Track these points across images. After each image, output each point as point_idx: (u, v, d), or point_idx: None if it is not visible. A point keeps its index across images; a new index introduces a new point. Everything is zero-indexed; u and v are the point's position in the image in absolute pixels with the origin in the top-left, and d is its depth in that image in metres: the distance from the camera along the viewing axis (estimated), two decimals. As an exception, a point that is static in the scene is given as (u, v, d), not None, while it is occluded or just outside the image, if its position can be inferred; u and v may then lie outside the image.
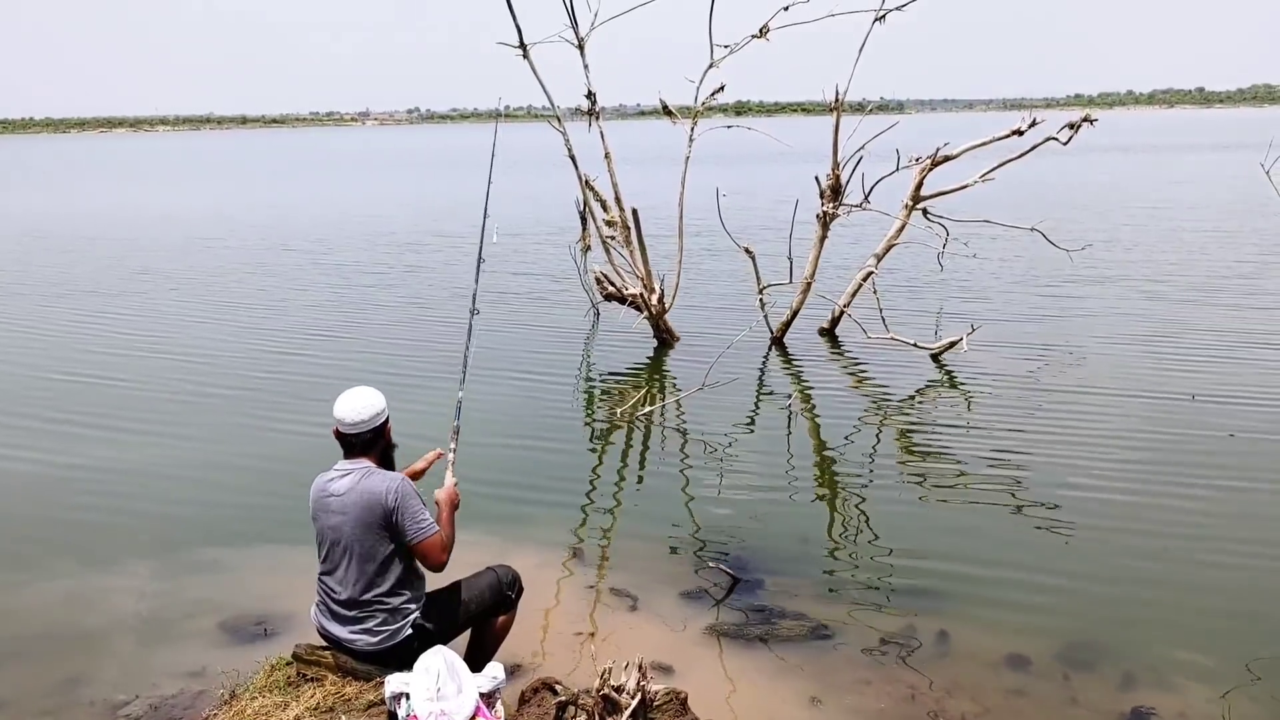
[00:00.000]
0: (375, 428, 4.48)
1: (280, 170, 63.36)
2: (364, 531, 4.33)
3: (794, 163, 41.89)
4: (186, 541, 6.91)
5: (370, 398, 4.48)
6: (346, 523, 4.35)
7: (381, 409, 4.49)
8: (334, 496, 4.39)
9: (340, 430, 4.47)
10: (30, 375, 11.47)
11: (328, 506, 4.40)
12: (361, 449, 4.47)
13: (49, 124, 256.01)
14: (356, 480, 4.38)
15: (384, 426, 4.54)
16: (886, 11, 11.49)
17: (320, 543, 4.48)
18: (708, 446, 8.76)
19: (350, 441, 4.47)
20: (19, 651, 5.50)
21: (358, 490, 4.36)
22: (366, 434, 4.46)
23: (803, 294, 12.29)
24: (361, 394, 4.50)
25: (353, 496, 4.35)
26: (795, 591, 5.97)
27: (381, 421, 4.51)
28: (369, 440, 4.47)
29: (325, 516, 4.41)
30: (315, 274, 18.64)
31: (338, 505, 4.37)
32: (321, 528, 4.44)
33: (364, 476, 4.40)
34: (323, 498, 4.43)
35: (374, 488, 4.35)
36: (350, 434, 4.45)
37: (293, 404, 10.06)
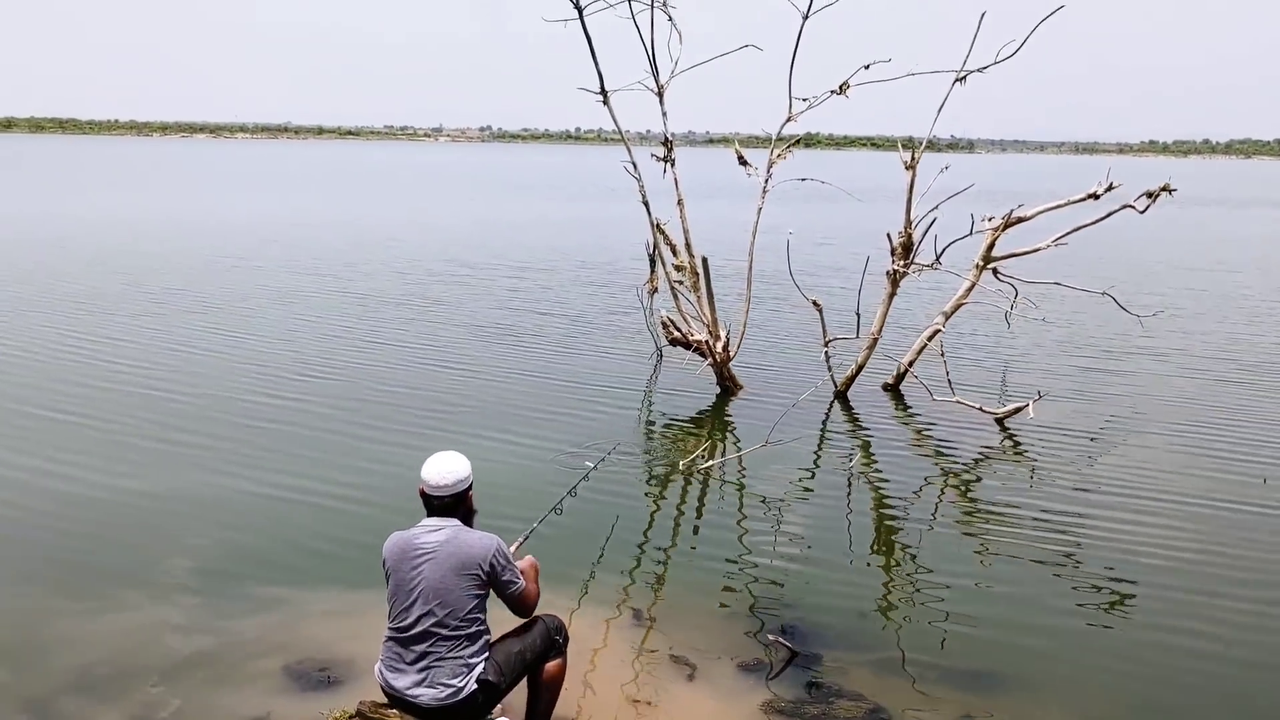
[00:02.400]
0: (459, 493, 4.67)
1: (361, 182, 64.29)
2: (455, 583, 4.49)
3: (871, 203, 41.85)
4: (249, 577, 7.00)
5: (457, 464, 4.68)
6: (437, 574, 4.50)
7: (466, 475, 4.68)
8: (424, 549, 4.54)
9: (426, 491, 4.65)
10: (98, 392, 11.74)
11: (414, 558, 4.54)
12: (444, 511, 4.66)
13: (133, 126, 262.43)
14: (451, 535, 4.57)
15: (467, 492, 4.72)
16: (968, 73, 11.48)
17: (397, 596, 4.58)
18: (766, 504, 8.77)
19: (434, 504, 4.64)
20: (88, 684, 5.62)
21: (454, 544, 4.54)
22: (449, 498, 4.65)
23: (869, 349, 12.26)
24: (449, 459, 4.69)
25: (449, 549, 4.52)
26: (852, 668, 5.95)
27: (466, 487, 4.70)
28: (451, 504, 4.66)
29: (410, 568, 4.54)
30: (405, 306, 18.84)
31: (429, 557, 4.52)
32: (402, 579, 4.56)
33: (459, 532, 4.60)
34: (409, 550, 4.57)
35: (473, 543, 4.57)
36: (435, 496, 4.63)
37: (365, 443, 10.15)
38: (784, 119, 11.95)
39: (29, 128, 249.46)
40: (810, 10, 11.57)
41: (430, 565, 4.52)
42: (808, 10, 11.56)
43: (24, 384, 11.93)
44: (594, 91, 11.86)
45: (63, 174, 69.03)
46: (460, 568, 4.52)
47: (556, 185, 67.40)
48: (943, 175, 11.55)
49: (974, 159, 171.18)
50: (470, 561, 4.54)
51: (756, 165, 12.06)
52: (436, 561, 4.52)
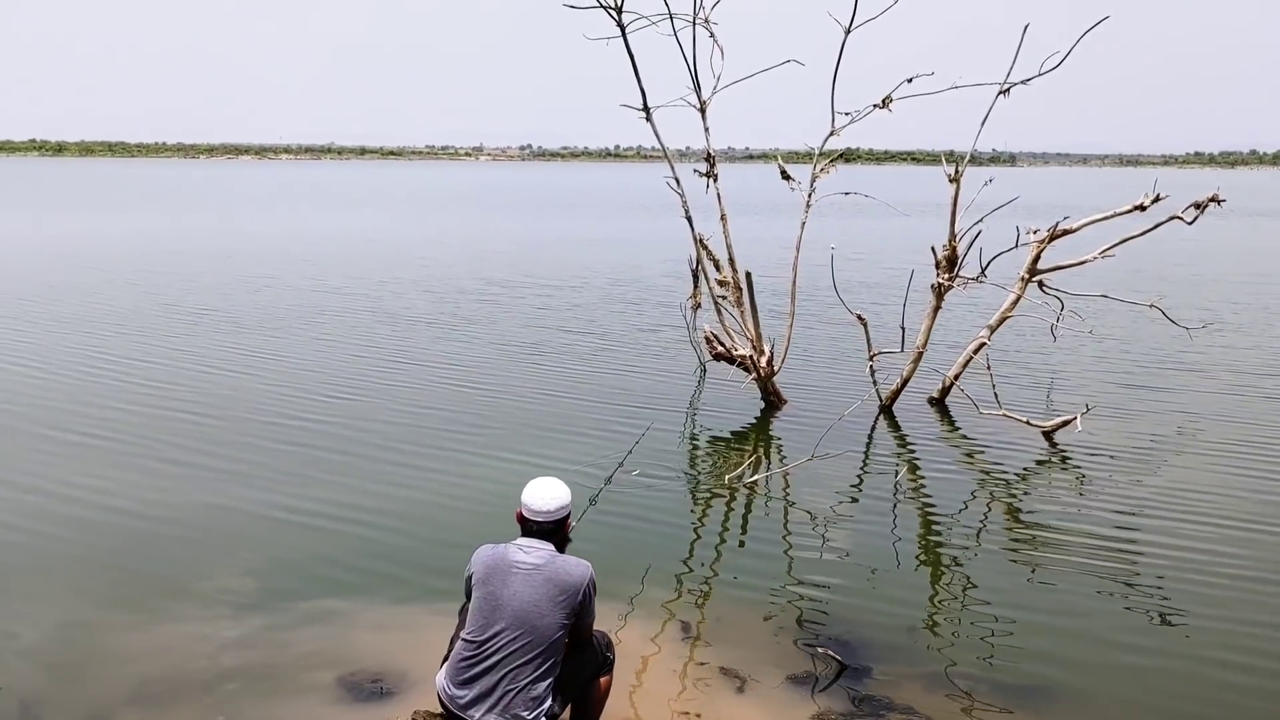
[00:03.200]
0: (559, 519, 4.74)
1: (399, 202, 64.91)
2: (548, 608, 4.53)
3: (910, 216, 41.65)
4: (298, 591, 7.09)
5: (559, 490, 4.75)
6: (530, 594, 4.54)
7: (567, 502, 4.76)
8: (522, 569, 4.58)
9: (526, 515, 4.71)
10: (144, 410, 11.91)
11: (510, 575, 4.58)
12: (543, 535, 4.70)
13: (180, 149, 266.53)
14: (549, 558, 4.62)
15: (567, 519, 4.78)
16: (1011, 85, 11.45)
17: (481, 608, 4.61)
18: (812, 518, 8.76)
19: (533, 528, 4.70)
20: (144, 696, 5.72)
21: (553, 568, 4.59)
22: (550, 524, 4.71)
23: (914, 363, 12.22)
24: (552, 485, 4.76)
25: (547, 572, 4.57)
26: (902, 681, 5.93)
27: (566, 514, 4.76)
28: (551, 530, 4.71)
29: (503, 585, 4.57)
30: (441, 324, 18.99)
31: (526, 578, 4.56)
32: (491, 594, 4.58)
33: (556, 556, 4.65)
34: (505, 566, 4.61)
35: (572, 569, 4.62)
36: (535, 521, 4.69)
37: (411, 460, 10.23)
38: (826, 133, 11.97)
39: (79, 151, 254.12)
40: (852, 25, 11.59)
41: (525, 584, 4.55)
42: (850, 24, 11.58)
43: (75, 402, 12.14)
44: (637, 108, 11.94)
45: (107, 196, 70.17)
46: (557, 592, 4.55)
47: (592, 203, 67.66)
48: (986, 188, 11.51)
49: (1016, 172, 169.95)
50: (568, 587, 4.58)
51: (799, 179, 12.08)
52: (532, 582, 4.56)
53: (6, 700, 5.59)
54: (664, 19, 11.67)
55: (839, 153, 12.24)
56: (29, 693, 5.69)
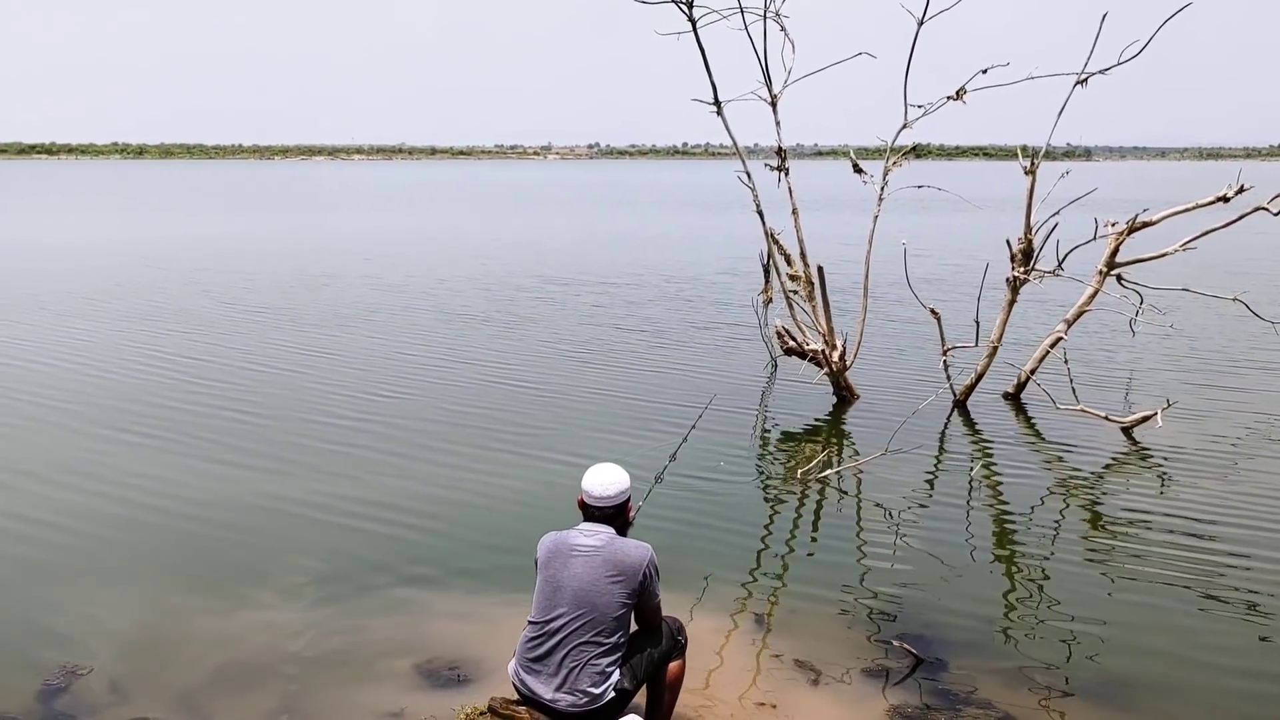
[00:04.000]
0: (619, 504, 4.79)
1: (466, 200, 65.54)
2: (608, 588, 4.58)
3: (977, 212, 41.11)
4: (375, 579, 7.20)
5: (618, 475, 4.80)
6: (590, 575, 4.60)
7: (627, 487, 4.81)
8: (582, 550, 4.65)
9: (586, 501, 4.78)
10: (226, 400, 12.20)
11: (571, 558, 4.65)
12: (604, 520, 4.76)
13: (255, 150, 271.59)
14: (609, 540, 4.68)
15: (627, 503, 4.83)
16: (1089, 75, 11.25)
17: (543, 591, 4.69)
18: (886, 512, 8.69)
19: (594, 513, 4.76)
20: (228, 679, 5.85)
21: (611, 549, 4.65)
22: (610, 509, 4.76)
23: (989, 358, 12.06)
24: (611, 471, 4.81)
25: (606, 554, 4.63)
26: (979, 675, 5.87)
27: (626, 499, 4.81)
28: (611, 514, 4.77)
29: (563, 567, 4.64)
30: (519, 319, 19.15)
31: (585, 560, 4.63)
32: (552, 577, 4.66)
33: (615, 539, 4.70)
34: (565, 549, 4.68)
35: (630, 551, 4.67)
36: (595, 506, 4.75)
37: (488, 450, 10.35)
38: (899, 126, 11.87)
39: (159, 154, 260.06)
40: (925, 15, 11.48)
41: (585, 565, 4.62)
42: (923, 15, 11.47)
43: (147, 398, 12.44)
44: (708, 103, 11.94)
45: (182, 197, 71.74)
46: (615, 573, 4.61)
47: (656, 200, 67.66)
48: (1062, 181, 11.32)
49: (1092, 166, 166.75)
50: (626, 568, 4.62)
51: (871, 173, 11.99)
52: (591, 564, 4.62)
53: (97, 681, 5.76)
54: (735, 13, 11.68)
55: (911, 146, 12.13)
56: (117, 675, 5.85)
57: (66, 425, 11.06)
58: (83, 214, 52.54)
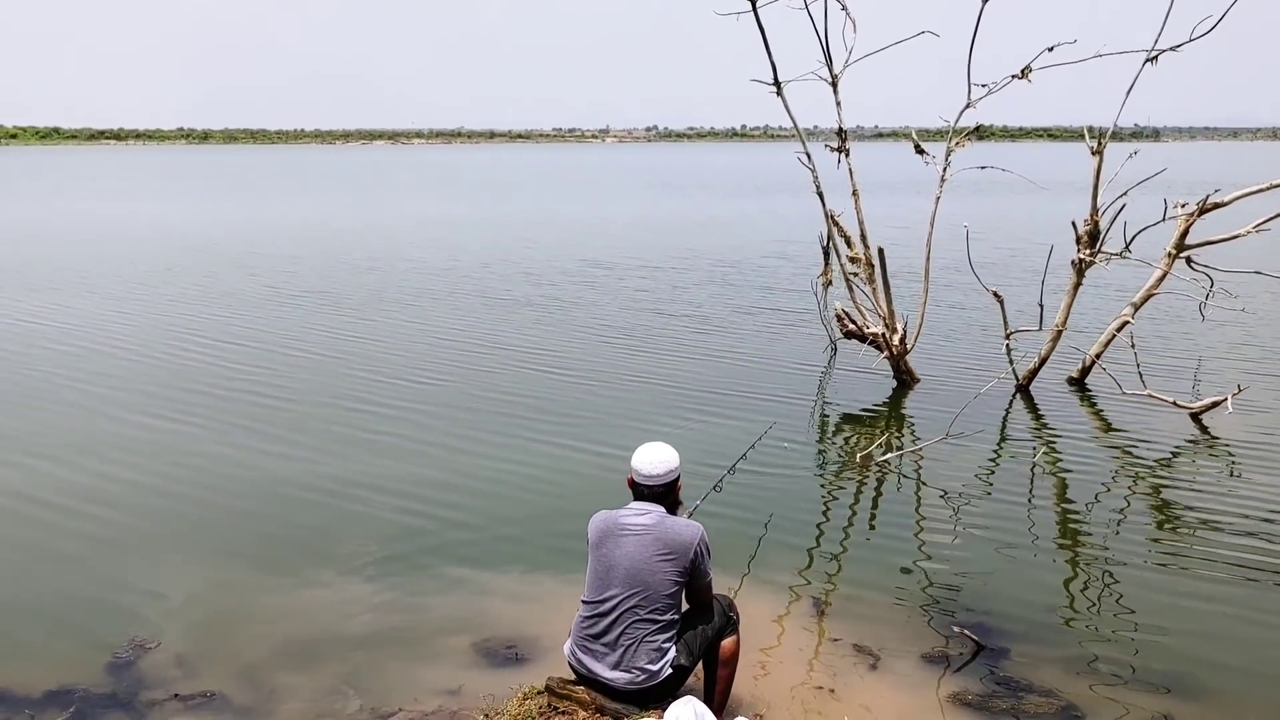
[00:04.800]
0: (668, 482, 4.78)
1: (520, 185, 65.79)
2: (659, 566, 4.59)
3: (1042, 194, 40.45)
4: (433, 559, 7.26)
5: (667, 454, 4.79)
6: (641, 554, 4.61)
7: (676, 465, 4.80)
8: (632, 530, 4.66)
9: (636, 480, 4.78)
10: (290, 379, 12.37)
11: (620, 537, 4.66)
12: (654, 499, 4.76)
13: (317, 135, 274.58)
14: (659, 519, 4.68)
15: (676, 482, 4.82)
16: (1159, 52, 10.99)
17: (596, 571, 4.70)
18: (946, 497, 8.59)
19: (643, 491, 4.76)
20: (290, 654, 5.94)
21: (662, 528, 4.65)
22: (660, 487, 4.76)
23: (1053, 342, 11.86)
24: (660, 449, 4.80)
25: (657, 533, 4.63)
26: (1041, 664, 5.78)
27: (675, 477, 4.81)
28: (661, 493, 4.77)
29: (615, 547, 4.66)
30: (579, 301, 19.20)
31: (636, 539, 4.64)
32: (604, 556, 4.68)
33: (665, 518, 4.70)
34: (616, 529, 4.69)
35: (681, 529, 4.67)
36: (645, 485, 4.75)
37: (542, 432, 10.39)
38: (962, 106, 11.67)
39: (223, 139, 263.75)
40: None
41: (636, 544, 4.62)
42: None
43: (206, 379, 12.65)
44: (767, 83, 11.82)
45: (239, 181, 72.75)
46: (666, 552, 4.61)
47: (716, 183, 67.37)
48: (1130, 162, 11.08)
49: (1161, 147, 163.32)
50: (677, 546, 4.62)
51: (934, 154, 11.82)
52: (642, 542, 4.62)
53: (164, 655, 5.87)
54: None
55: (974, 127, 11.93)
56: (183, 650, 5.95)
57: (130, 407, 11.26)
58: (142, 200, 53.49)
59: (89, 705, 5.36)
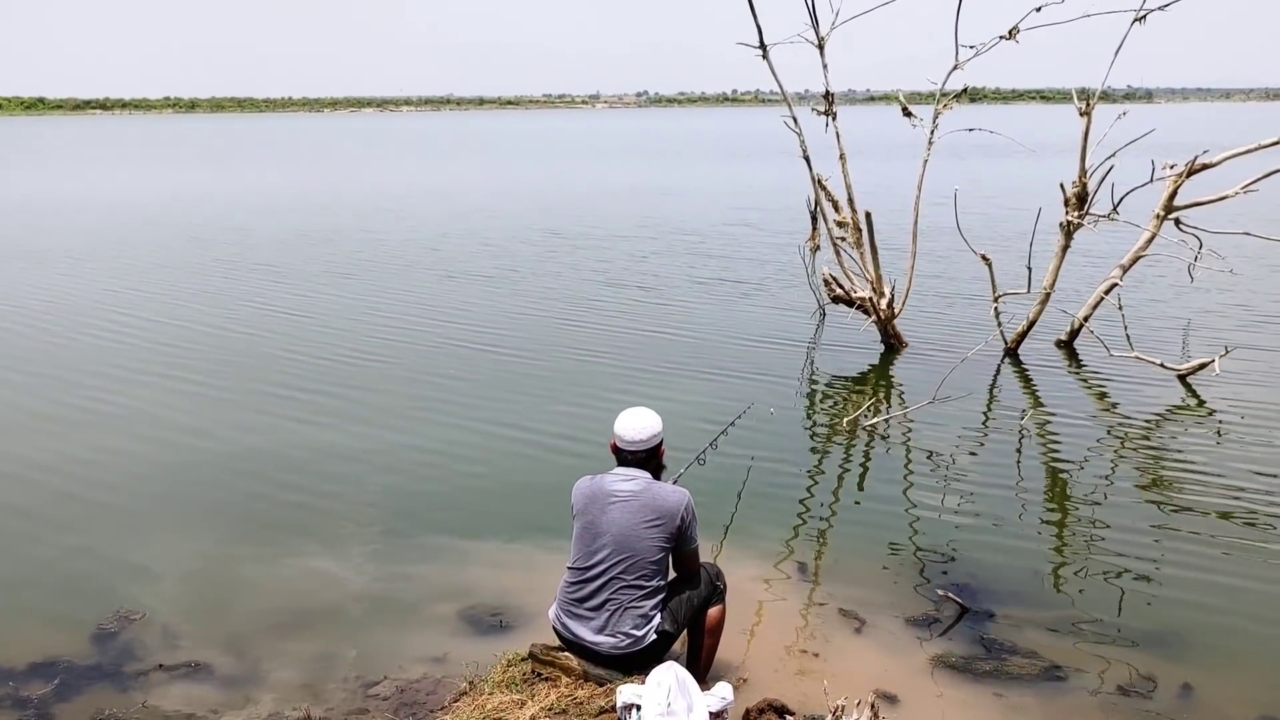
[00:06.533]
0: (652, 447, 4.77)
1: (509, 152, 65.51)
2: (645, 532, 4.58)
3: (1031, 157, 40.33)
4: (418, 528, 7.25)
5: (649, 419, 4.77)
6: (627, 521, 4.60)
7: (659, 430, 4.79)
8: (619, 495, 4.64)
9: (619, 446, 4.77)
10: (272, 351, 12.35)
11: (608, 503, 4.65)
12: (637, 464, 4.75)
13: (305, 103, 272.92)
14: (645, 486, 4.67)
15: (659, 447, 4.81)
16: (1147, 12, 10.90)
17: (582, 538, 4.69)
18: (933, 461, 8.60)
19: (626, 457, 4.75)
20: (276, 624, 5.93)
21: (648, 494, 4.64)
22: (643, 452, 4.75)
23: (1041, 305, 11.84)
24: (642, 415, 4.79)
25: (643, 499, 4.62)
26: (1025, 626, 5.80)
27: (658, 442, 4.80)
28: (645, 458, 4.76)
29: (602, 513, 4.64)
30: (565, 267, 19.14)
31: (623, 505, 4.63)
32: (591, 523, 4.66)
33: (652, 484, 4.70)
34: (601, 495, 4.67)
35: (667, 495, 4.66)
36: (629, 450, 4.74)
37: (528, 398, 10.40)
38: (950, 68, 11.59)
39: (210, 107, 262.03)
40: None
41: (622, 511, 4.61)
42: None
43: (203, 347, 12.61)
44: (753, 46, 11.73)
45: (225, 151, 72.34)
46: (653, 518, 4.60)
47: (707, 147, 67.11)
48: (1120, 123, 11.00)
49: (1152, 108, 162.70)
50: (664, 511, 4.61)
51: (921, 116, 11.74)
52: (629, 509, 4.61)
53: (149, 627, 5.86)
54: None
55: (962, 89, 11.84)
56: (169, 620, 5.94)
57: (111, 380, 11.21)
58: (118, 170, 53.17)
59: (74, 676, 5.35)
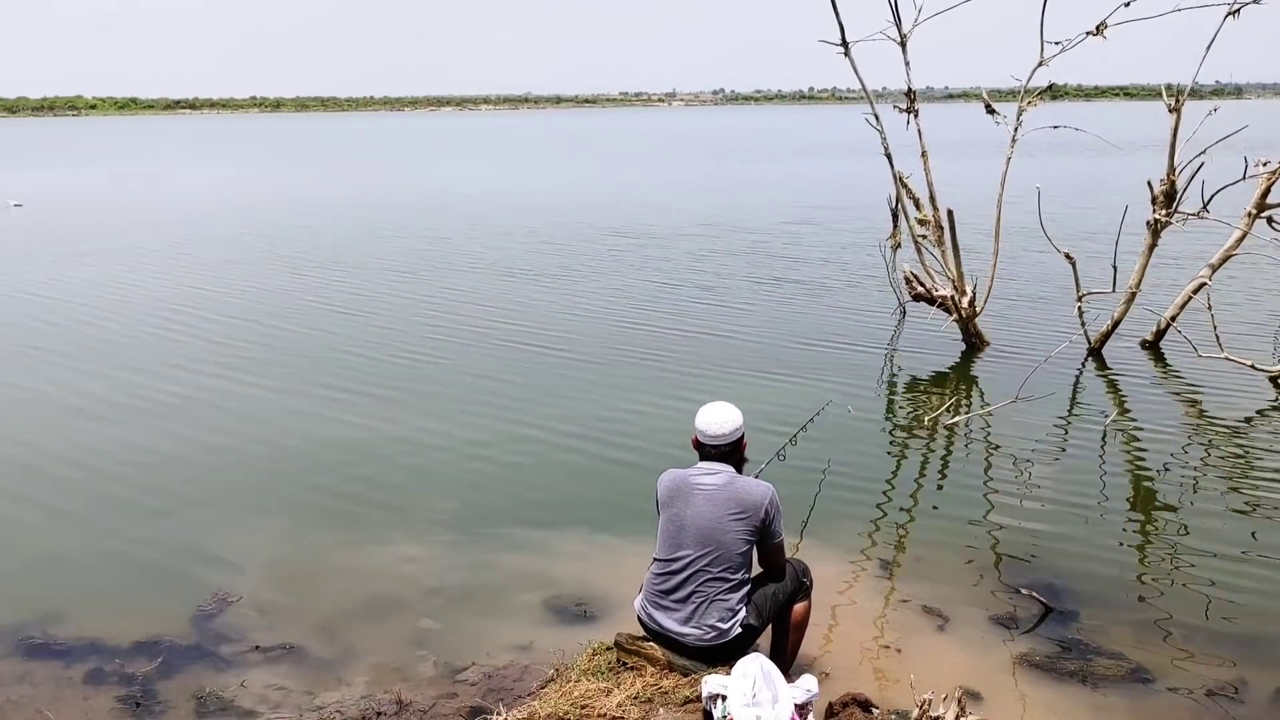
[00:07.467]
0: (733, 441, 4.80)
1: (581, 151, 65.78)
2: (730, 525, 4.62)
3: (1104, 156, 39.59)
4: (503, 519, 7.38)
5: (731, 414, 4.81)
6: (712, 514, 4.64)
7: (740, 424, 4.82)
8: (704, 489, 4.69)
9: (701, 440, 4.80)
10: (343, 347, 12.61)
11: (692, 496, 4.69)
12: (720, 458, 4.79)
13: (386, 102, 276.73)
14: (729, 480, 4.71)
15: (741, 440, 4.84)
16: (1241, 5, 10.68)
17: (667, 531, 4.74)
18: (1015, 461, 8.53)
19: (709, 451, 4.78)
20: (364, 610, 6.09)
21: (733, 488, 4.68)
22: (725, 446, 4.78)
23: (1126, 304, 11.65)
24: (724, 409, 4.83)
25: (728, 492, 4.66)
26: (1111, 628, 5.75)
27: (740, 435, 4.82)
28: (727, 452, 4.79)
29: (686, 506, 4.69)
30: (649, 262, 19.25)
31: (708, 498, 4.67)
32: (676, 516, 4.71)
33: (736, 477, 4.73)
34: (687, 488, 4.72)
35: (752, 489, 4.70)
36: (710, 445, 4.78)
37: (612, 394, 10.52)
38: (1034, 65, 11.46)
39: (295, 107, 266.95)
40: (1065, -52, 11.01)
41: (707, 504, 4.66)
42: (1062, -53, 11.01)
43: (295, 340, 12.94)
44: (834, 44, 11.71)
45: (304, 150, 73.68)
46: (738, 511, 4.64)
47: (779, 146, 66.80)
48: (1210, 119, 10.79)
49: (1243, 104, 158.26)
50: (748, 505, 4.65)
51: (1005, 114, 11.62)
52: (714, 502, 4.66)
53: (245, 610, 6.07)
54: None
55: (1047, 86, 11.70)
56: (264, 603, 6.15)
57: (204, 370, 11.55)
58: (198, 168, 54.44)
59: (175, 655, 5.55)
